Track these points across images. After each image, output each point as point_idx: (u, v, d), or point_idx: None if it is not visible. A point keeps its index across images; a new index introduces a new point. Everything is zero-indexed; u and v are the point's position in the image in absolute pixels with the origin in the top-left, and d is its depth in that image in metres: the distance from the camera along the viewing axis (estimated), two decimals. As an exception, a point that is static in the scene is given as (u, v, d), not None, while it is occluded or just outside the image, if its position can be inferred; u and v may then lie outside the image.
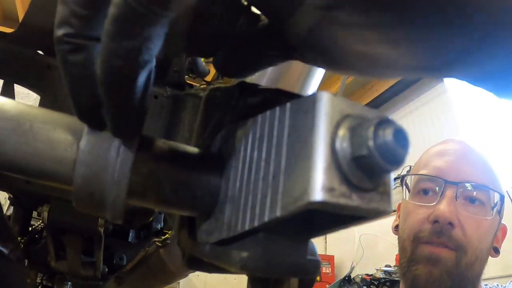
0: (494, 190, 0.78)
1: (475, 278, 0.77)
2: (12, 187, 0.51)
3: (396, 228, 0.87)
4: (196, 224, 0.24)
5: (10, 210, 0.85)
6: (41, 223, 0.82)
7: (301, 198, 0.17)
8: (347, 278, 2.49)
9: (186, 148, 0.23)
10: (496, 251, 0.83)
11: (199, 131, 0.25)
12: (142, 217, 0.75)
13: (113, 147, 0.20)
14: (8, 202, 0.79)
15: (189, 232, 0.25)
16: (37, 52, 0.53)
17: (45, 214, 0.63)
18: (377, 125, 0.17)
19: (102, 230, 0.67)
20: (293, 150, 0.18)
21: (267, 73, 0.55)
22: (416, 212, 0.79)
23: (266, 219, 0.19)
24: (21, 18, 0.50)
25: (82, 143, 0.20)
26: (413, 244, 0.77)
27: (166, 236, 0.79)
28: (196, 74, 0.59)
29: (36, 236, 0.85)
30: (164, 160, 0.22)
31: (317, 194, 0.16)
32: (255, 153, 0.21)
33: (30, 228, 0.84)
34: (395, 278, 2.19)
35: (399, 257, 0.83)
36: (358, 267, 3.12)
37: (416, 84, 3.96)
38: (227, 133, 0.23)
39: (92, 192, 0.20)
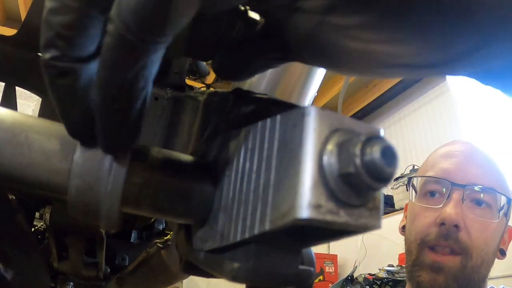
0: (501, 193, 0.78)
1: (481, 281, 0.77)
2: (14, 189, 0.51)
3: (403, 229, 0.87)
4: (192, 231, 0.24)
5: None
6: (43, 224, 0.83)
7: (288, 214, 0.17)
8: (350, 278, 2.49)
9: (181, 157, 0.23)
10: (503, 253, 0.82)
11: (197, 136, 0.25)
12: (144, 218, 0.75)
13: (107, 159, 0.20)
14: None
15: (186, 237, 0.25)
16: (38, 55, 0.53)
17: (47, 216, 0.64)
18: (365, 142, 0.17)
19: (104, 231, 0.67)
20: (282, 164, 0.18)
21: (267, 74, 0.55)
22: (423, 215, 0.79)
23: (256, 232, 0.19)
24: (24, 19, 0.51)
25: (76, 155, 0.20)
26: (419, 248, 0.77)
27: (168, 237, 0.79)
28: (197, 74, 0.59)
29: (39, 237, 0.85)
30: (159, 170, 0.22)
31: (304, 211, 0.16)
32: (247, 164, 0.21)
33: (33, 229, 0.85)
34: (398, 278, 2.19)
35: (405, 259, 0.83)
36: (361, 267, 3.12)
37: (419, 83, 3.95)
38: (222, 142, 0.23)
39: (87, 203, 0.20)
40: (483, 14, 0.17)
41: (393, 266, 2.33)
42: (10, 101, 0.58)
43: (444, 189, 0.79)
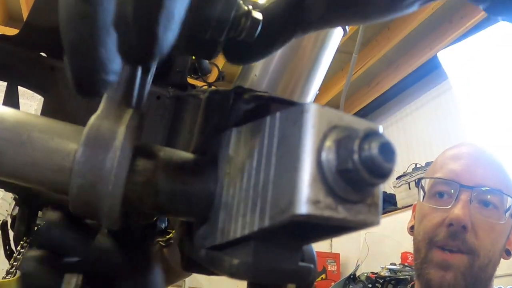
0: (508, 195, 0.80)
1: (488, 280, 0.79)
2: (17, 188, 0.51)
3: (412, 229, 0.89)
4: (193, 228, 0.24)
5: (16, 210, 0.85)
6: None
7: (287, 210, 0.17)
8: (352, 277, 2.49)
9: (182, 155, 0.24)
10: (508, 254, 0.84)
11: (199, 134, 0.26)
12: (146, 217, 0.75)
13: (109, 159, 0.20)
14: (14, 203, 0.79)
15: (188, 235, 0.25)
16: (40, 54, 0.53)
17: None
18: (363, 138, 0.17)
19: (106, 230, 0.67)
20: (281, 161, 0.18)
21: (269, 72, 0.55)
22: (432, 215, 0.81)
23: (256, 228, 0.19)
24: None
25: (78, 154, 0.20)
26: (428, 246, 0.79)
27: (170, 236, 0.79)
28: (199, 72, 0.59)
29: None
30: (160, 169, 0.22)
31: (302, 207, 0.16)
32: (247, 161, 0.21)
33: (36, 228, 0.85)
34: (400, 277, 2.19)
35: (414, 257, 0.85)
36: (364, 266, 3.12)
37: (421, 82, 3.94)
38: (222, 139, 0.23)
39: (88, 201, 0.20)
40: None
41: (396, 265, 2.33)
42: (13, 101, 0.58)
43: (453, 190, 0.80)
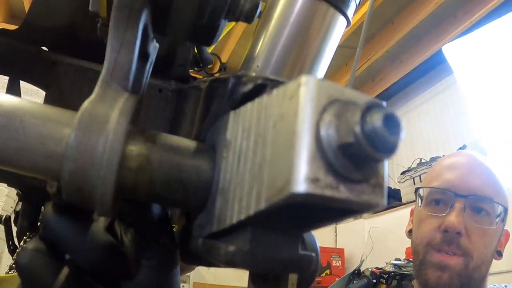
0: (498, 203, 0.89)
1: (481, 279, 0.88)
2: (20, 183, 0.51)
3: (410, 233, 0.98)
4: (191, 218, 0.23)
5: (20, 206, 0.85)
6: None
7: (284, 190, 0.16)
8: (357, 272, 2.48)
9: (179, 141, 0.23)
10: (499, 255, 0.94)
11: (199, 123, 0.25)
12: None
13: (101, 143, 0.20)
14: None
15: (187, 226, 0.24)
16: (41, 49, 0.53)
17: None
18: (365, 110, 0.16)
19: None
20: (278, 139, 0.17)
21: (272, 63, 0.54)
22: (429, 221, 0.89)
23: (252, 212, 0.18)
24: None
25: (71, 139, 0.20)
26: (425, 249, 0.88)
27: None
28: (200, 63, 0.59)
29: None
30: (156, 155, 0.21)
31: (300, 185, 0.15)
32: (244, 143, 0.20)
33: (39, 224, 0.85)
34: (405, 272, 2.18)
35: (413, 259, 0.94)
36: (368, 261, 3.11)
37: (425, 77, 3.92)
38: (220, 124, 0.23)
39: (81, 187, 0.20)
40: None
41: (400, 260, 2.32)
42: (15, 95, 0.57)
43: (448, 199, 0.88)
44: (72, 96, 0.47)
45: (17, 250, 0.51)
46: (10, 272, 0.69)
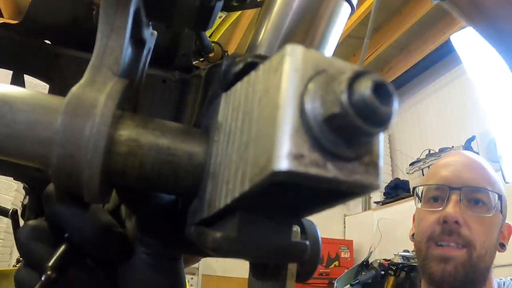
0: (493, 191, 0.91)
1: (486, 270, 0.89)
2: (24, 176, 0.51)
3: (413, 236, 1.00)
4: (186, 204, 0.23)
5: (27, 200, 0.86)
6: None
7: (266, 168, 0.15)
8: (365, 263, 2.48)
9: (170, 125, 0.22)
10: (503, 246, 0.95)
11: (198, 110, 0.25)
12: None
13: (88, 127, 0.19)
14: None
15: (182, 213, 0.24)
16: (44, 42, 0.53)
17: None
18: (353, 78, 0.14)
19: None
20: (263, 115, 0.16)
21: (275, 47, 0.53)
22: (428, 218, 0.93)
23: (237, 195, 0.17)
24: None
25: (58, 123, 0.20)
26: (427, 244, 0.90)
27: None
28: (202, 51, 0.59)
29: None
30: (145, 139, 0.21)
31: (283, 163, 0.14)
32: (233, 124, 0.19)
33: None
34: (413, 264, 2.17)
35: (417, 258, 0.96)
36: (377, 252, 3.11)
37: (434, 67, 3.88)
38: (214, 107, 0.22)
39: (69, 172, 0.19)
40: None
41: (409, 252, 2.31)
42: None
43: (444, 194, 0.92)
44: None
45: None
46: (18, 265, 0.69)
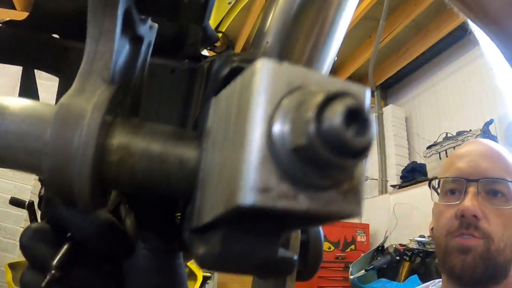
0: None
1: (507, 263, 0.86)
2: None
3: (432, 230, 0.98)
4: (184, 208, 0.23)
5: (43, 191, 0.87)
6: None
7: (231, 200, 0.13)
8: (381, 248, 2.48)
9: (163, 130, 0.22)
10: None
11: (200, 105, 0.24)
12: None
13: (76, 138, 0.19)
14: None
15: (182, 215, 0.24)
16: (52, 36, 0.53)
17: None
18: (324, 102, 0.13)
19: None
20: (235, 136, 0.15)
21: (289, 20, 0.52)
22: (446, 212, 0.90)
23: (218, 213, 0.15)
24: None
25: (47, 134, 0.20)
26: (446, 239, 0.88)
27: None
28: (207, 40, 0.58)
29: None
30: (136, 146, 0.21)
31: (247, 196, 0.13)
32: (218, 133, 0.18)
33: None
34: (429, 249, 2.16)
35: (437, 254, 0.95)
36: (393, 237, 3.10)
37: (452, 48, 3.80)
38: (205, 110, 0.21)
39: (61, 183, 0.19)
40: None
41: (424, 237, 2.30)
42: (30, 84, 0.58)
43: (461, 186, 0.89)
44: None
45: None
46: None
